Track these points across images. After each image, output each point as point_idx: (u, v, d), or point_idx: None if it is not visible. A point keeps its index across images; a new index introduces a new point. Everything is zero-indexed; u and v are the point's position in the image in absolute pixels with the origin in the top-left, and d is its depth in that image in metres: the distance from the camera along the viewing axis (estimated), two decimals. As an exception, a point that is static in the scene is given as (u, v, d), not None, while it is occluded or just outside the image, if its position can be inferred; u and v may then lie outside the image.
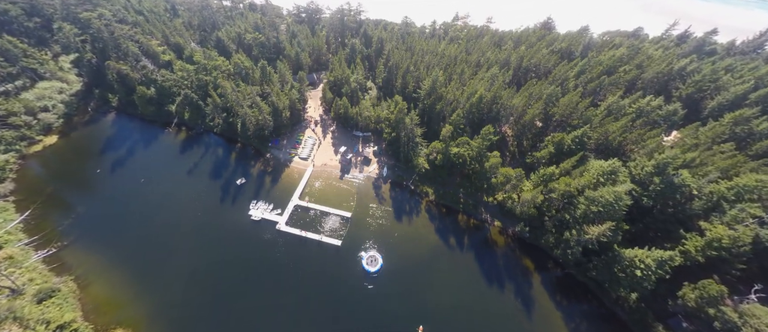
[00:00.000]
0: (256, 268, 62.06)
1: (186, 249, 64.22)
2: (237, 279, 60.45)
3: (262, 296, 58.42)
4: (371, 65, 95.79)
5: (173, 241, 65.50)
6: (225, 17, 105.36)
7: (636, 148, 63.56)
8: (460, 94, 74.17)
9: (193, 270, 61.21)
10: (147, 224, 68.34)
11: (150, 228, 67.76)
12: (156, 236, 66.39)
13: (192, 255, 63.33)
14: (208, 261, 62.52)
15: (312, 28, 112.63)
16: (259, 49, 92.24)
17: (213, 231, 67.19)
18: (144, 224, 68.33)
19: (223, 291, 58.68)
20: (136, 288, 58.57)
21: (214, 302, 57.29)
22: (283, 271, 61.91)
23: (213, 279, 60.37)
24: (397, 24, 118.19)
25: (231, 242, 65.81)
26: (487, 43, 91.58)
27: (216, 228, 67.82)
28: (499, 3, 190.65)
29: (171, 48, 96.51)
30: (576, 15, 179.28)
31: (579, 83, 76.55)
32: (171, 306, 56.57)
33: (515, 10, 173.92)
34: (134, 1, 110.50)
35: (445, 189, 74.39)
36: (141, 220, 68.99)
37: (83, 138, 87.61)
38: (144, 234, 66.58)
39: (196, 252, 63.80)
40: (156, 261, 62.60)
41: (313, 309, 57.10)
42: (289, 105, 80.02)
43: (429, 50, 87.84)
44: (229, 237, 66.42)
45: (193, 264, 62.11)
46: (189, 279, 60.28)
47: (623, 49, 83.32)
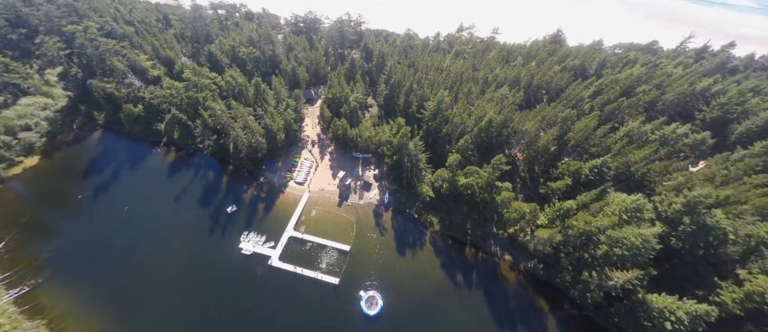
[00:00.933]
0: (246, 311, 56.55)
1: (172, 289, 58.81)
2: (226, 323, 55.00)
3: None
4: (372, 80, 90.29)
5: (158, 279, 60.07)
6: (219, 28, 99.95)
7: (661, 179, 57.98)
8: (468, 117, 68.61)
9: (179, 315, 55.79)
10: (130, 259, 62.93)
11: (133, 263, 62.35)
12: (139, 273, 60.97)
13: (178, 296, 57.90)
14: (195, 303, 57.09)
15: (310, 38, 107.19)
16: (253, 64, 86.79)
17: (201, 268, 61.75)
18: (126, 259, 62.92)
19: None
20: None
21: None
22: (276, 315, 56.44)
23: (200, 325, 54.96)
24: (399, 34, 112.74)
25: (220, 280, 60.36)
26: (495, 58, 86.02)
27: (204, 263, 62.36)
28: (504, 13, 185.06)
29: (161, 61, 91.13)
30: (583, 26, 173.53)
31: (595, 105, 70.95)
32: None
33: (522, 22, 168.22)
34: (124, 12, 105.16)
35: (451, 219, 68.85)
36: (123, 254, 63.56)
37: (66, 159, 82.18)
38: (126, 271, 61.18)
39: (182, 293, 58.37)
40: (138, 303, 57.21)
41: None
42: (284, 126, 74.58)
43: (433, 66, 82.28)
44: (218, 275, 60.97)
45: (179, 306, 56.70)
46: (174, 324, 54.89)
47: (640, 67, 77.69)
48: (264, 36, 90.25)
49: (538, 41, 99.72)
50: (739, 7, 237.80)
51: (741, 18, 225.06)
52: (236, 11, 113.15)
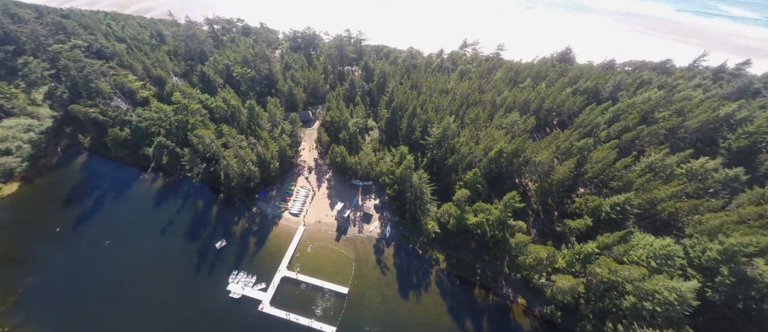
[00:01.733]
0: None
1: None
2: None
3: None
4: (373, 101, 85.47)
5: (138, 328, 54.17)
6: (214, 46, 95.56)
7: (690, 219, 52.45)
8: (476, 145, 63.40)
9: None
10: (109, 302, 57.07)
11: (112, 307, 56.48)
12: (118, 319, 55.09)
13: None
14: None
15: (309, 55, 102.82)
16: (248, 84, 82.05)
17: (185, 314, 55.85)
18: (105, 301, 57.07)
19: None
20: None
21: None
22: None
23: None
24: (401, 51, 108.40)
25: (206, 327, 54.45)
26: (502, 78, 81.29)
27: (189, 309, 56.47)
28: (507, 29, 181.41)
29: (152, 81, 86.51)
30: (588, 40, 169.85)
31: (612, 132, 65.82)
32: None
33: (526, 38, 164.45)
34: (117, 28, 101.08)
35: (459, 256, 63.15)
36: (102, 296, 57.74)
37: (47, 186, 76.83)
38: (104, 316, 55.29)
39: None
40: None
41: None
42: (278, 153, 69.36)
43: (437, 87, 77.49)
44: (203, 322, 55.04)
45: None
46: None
47: (658, 90, 72.78)
48: (260, 55, 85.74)
49: (547, 59, 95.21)
50: (743, 20, 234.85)
51: (746, 30, 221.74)
52: (233, 26, 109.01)
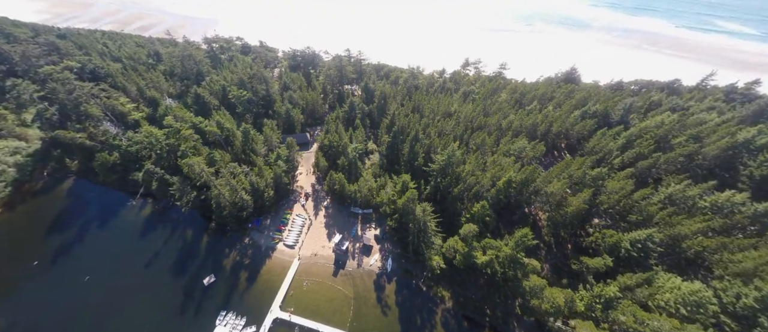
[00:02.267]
0: None
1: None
2: None
3: None
4: (373, 122, 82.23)
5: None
6: (210, 66, 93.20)
7: (720, 258, 47.94)
8: (482, 173, 59.49)
9: None
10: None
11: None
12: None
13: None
14: None
15: (308, 74, 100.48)
16: (244, 106, 78.97)
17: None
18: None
19: None
20: None
21: None
22: None
23: None
24: (401, 69, 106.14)
25: (187, 379, 49.12)
26: (507, 100, 78.26)
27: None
28: (508, 47, 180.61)
29: (146, 102, 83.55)
30: (590, 59, 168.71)
31: (626, 159, 62.07)
32: None
33: (527, 56, 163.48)
34: (113, 48, 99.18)
35: (467, 294, 58.15)
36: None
37: (29, 213, 72.51)
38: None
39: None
40: None
41: None
42: (273, 180, 65.39)
43: (440, 110, 74.31)
44: (184, 372, 49.77)
45: None
46: None
47: (670, 114, 69.50)
48: (257, 76, 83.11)
49: (552, 79, 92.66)
50: (740, 35, 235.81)
51: (743, 45, 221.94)
52: (231, 45, 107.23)
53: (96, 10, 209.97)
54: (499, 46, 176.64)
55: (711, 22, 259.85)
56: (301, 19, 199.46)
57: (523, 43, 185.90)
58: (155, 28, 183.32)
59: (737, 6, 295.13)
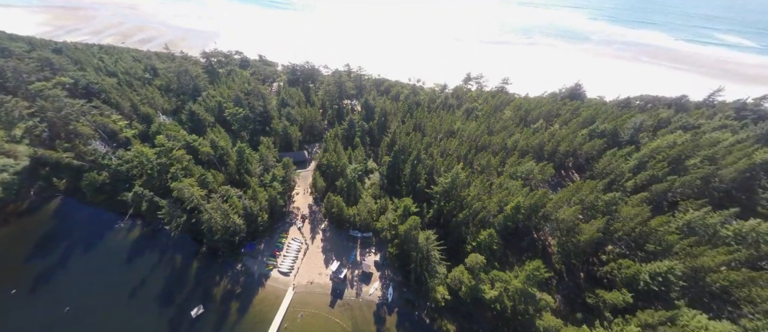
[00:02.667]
0: None
1: None
2: None
3: None
4: (373, 140, 79.41)
5: None
6: (208, 81, 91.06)
7: (748, 293, 44.11)
8: (488, 198, 56.13)
9: None
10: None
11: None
12: None
13: None
14: None
15: (306, 89, 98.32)
16: (239, 124, 76.29)
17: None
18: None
19: None
20: None
21: None
22: None
23: None
24: (402, 84, 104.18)
25: None
26: (511, 118, 75.58)
27: (150, 399, 46.80)
28: (508, 60, 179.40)
29: (139, 118, 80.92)
30: (592, 72, 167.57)
31: (638, 181, 58.84)
32: None
33: (528, 69, 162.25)
34: (109, 62, 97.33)
35: (474, 329, 53.94)
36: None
37: (12, 236, 68.82)
38: None
39: None
40: None
41: None
42: (268, 203, 62.02)
43: (443, 128, 71.56)
44: None
45: None
46: None
47: (682, 133, 66.66)
48: (254, 92, 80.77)
49: (556, 94, 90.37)
50: (738, 47, 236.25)
51: (744, 57, 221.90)
52: (230, 60, 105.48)
53: (98, 23, 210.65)
54: (500, 59, 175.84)
55: (709, 34, 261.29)
56: (303, 30, 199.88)
57: (524, 56, 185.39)
58: (156, 40, 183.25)
59: (734, 19, 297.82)
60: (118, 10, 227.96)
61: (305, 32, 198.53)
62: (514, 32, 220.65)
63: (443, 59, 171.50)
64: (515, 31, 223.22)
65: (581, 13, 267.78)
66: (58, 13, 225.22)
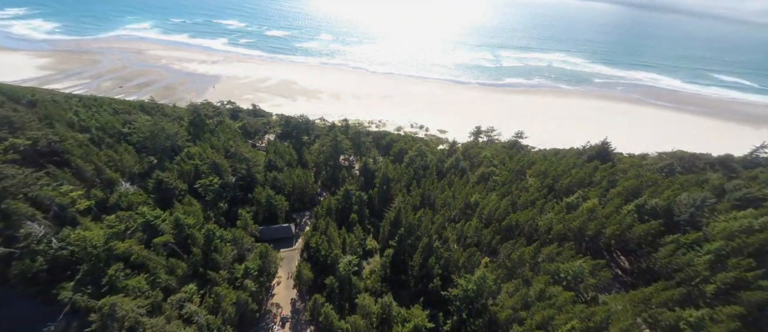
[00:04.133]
0: None
1: None
2: None
3: None
4: (373, 210, 66.07)
5: None
6: (187, 139, 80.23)
7: None
8: (527, 315, 41.10)
9: None
10: None
11: None
12: None
13: None
14: None
15: (300, 144, 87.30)
16: (214, 195, 63.53)
17: None
18: None
19: None
20: None
21: None
22: None
23: None
24: (405, 138, 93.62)
25: None
26: (537, 187, 62.76)
27: None
28: (512, 106, 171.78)
29: (102, 184, 68.51)
30: (602, 116, 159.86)
31: (721, 285, 44.16)
32: None
33: (537, 116, 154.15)
34: (85, 115, 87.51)
35: None
36: None
37: None
38: None
39: None
40: None
41: None
42: (236, 310, 46.85)
43: (457, 203, 58.55)
44: None
45: None
46: None
47: (755, 214, 53.27)
48: (237, 155, 69.22)
49: (580, 152, 78.79)
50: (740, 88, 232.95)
51: (748, 98, 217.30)
52: (218, 112, 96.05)
53: (101, 67, 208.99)
54: (504, 103, 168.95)
55: (706, 75, 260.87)
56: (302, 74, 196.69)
57: (528, 100, 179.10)
58: (155, 85, 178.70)
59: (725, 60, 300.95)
60: (124, 54, 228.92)
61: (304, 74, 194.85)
62: (513, 75, 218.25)
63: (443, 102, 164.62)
64: (515, 74, 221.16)
65: (577, 57, 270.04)
66: (64, 57, 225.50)
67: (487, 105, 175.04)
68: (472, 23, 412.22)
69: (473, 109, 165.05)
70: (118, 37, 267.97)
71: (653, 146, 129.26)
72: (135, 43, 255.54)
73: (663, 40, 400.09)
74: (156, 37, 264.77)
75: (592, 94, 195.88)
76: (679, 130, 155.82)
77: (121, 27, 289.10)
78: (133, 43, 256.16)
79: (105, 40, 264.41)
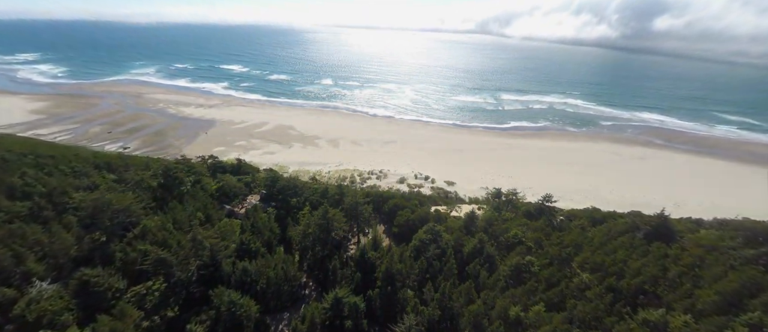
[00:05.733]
0: None
1: None
2: None
3: None
4: (373, 317, 48.09)
5: None
6: (143, 214, 64.56)
7: None
8: None
9: None
10: None
11: None
12: None
13: None
14: None
15: (285, 210, 71.66)
16: (157, 303, 46.15)
17: None
18: None
19: None
20: None
21: None
22: None
23: None
24: (414, 202, 78.18)
25: None
26: (598, 292, 45.69)
27: None
28: (532, 160, 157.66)
29: (19, 277, 51.39)
30: (617, 163, 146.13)
31: None
32: None
33: (557, 170, 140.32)
34: (32, 177, 73.00)
35: None
36: None
37: None
38: None
39: None
40: None
41: None
42: None
43: (492, 328, 41.01)
44: None
45: None
46: None
47: None
48: (197, 242, 53.06)
49: (630, 223, 62.69)
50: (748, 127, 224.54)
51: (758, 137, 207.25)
52: (195, 171, 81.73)
53: (96, 111, 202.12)
54: (512, 149, 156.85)
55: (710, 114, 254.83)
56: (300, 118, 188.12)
57: (536, 144, 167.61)
58: (145, 130, 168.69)
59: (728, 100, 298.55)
60: (122, 98, 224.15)
61: (300, 122, 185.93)
62: (517, 118, 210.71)
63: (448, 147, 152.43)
64: (518, 117, 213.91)
65: (576, 99, 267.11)
66: (62, 101, 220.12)
67: (494, 150, 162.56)
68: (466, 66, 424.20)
69: (480, 155, 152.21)
70: (120, 81, 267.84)
71: (690, 198, 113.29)
72: (136, 86, 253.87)
73: (653, 80, 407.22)
74: (158, 81, 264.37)
75: (602, 137, 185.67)
76: (706, 177, 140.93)
77: (126, 72, 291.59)
78: (134, 86, 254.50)
79: (107, 83, 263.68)
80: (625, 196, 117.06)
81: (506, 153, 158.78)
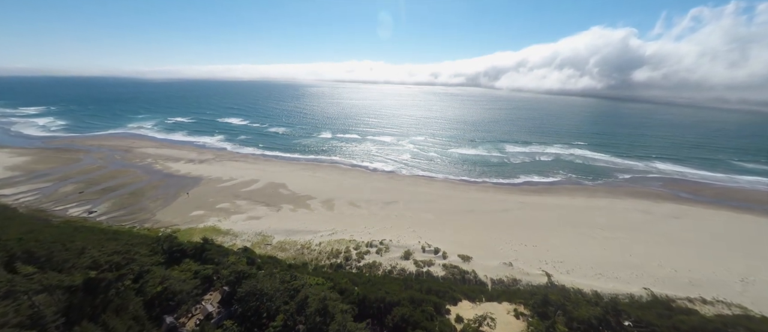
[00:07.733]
0: None
1: None
2: None
3: None
4: None
5: None
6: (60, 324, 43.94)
7: None
8: None
9: None
10: None
11: None
12: None
13: None
14: None
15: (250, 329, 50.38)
16: None
17: None
18: None
19: None
20: None
21: None
22: None
23: None
24: (427, 308, 57.76)
25: None
26: None
27: None
28: (552, 222, 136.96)
29: None
30: (657, 232, 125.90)
31: None
32: None
33: (583, 235, 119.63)
34: None
35: None
36: None
37: None
38: None
39: None
40: None
41: None
42: None
43: None
44: None
45: None
46: None
47: None
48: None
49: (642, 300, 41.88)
50: (765, 174, 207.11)
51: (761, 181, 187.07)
52: (167, 241, 62.40)
53: (77, 167, 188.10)
54: (526, 208, 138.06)
55: (724, 162, 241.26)
56: (294, 174, 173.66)
57: (552, 202, 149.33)
58: (121, 190, 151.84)
59: (733, 147, 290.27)
60: (110, 153, 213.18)
61: (293, 179, 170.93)
62: (526, 172, 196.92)
63: (457, 208, 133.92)
64: (527, 170, 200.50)
65: (583, 150, 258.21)
66: (45, 156, 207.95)
67: (508, 210, 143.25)
68: (463, 117, 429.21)
69: (494, 217, 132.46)
70: (114, 134, 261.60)
71: (756, 270, 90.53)
72: (128, 140, 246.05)
73: (650, 128, 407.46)
74: (152, 135, 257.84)
75: (623, 191, 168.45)
76: (760, 241, 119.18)
77: (123, 125, 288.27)
78: (127, 140, 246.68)
79: (100, 137, 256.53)
80: (677, 271, 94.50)
81: (522, 213, 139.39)
